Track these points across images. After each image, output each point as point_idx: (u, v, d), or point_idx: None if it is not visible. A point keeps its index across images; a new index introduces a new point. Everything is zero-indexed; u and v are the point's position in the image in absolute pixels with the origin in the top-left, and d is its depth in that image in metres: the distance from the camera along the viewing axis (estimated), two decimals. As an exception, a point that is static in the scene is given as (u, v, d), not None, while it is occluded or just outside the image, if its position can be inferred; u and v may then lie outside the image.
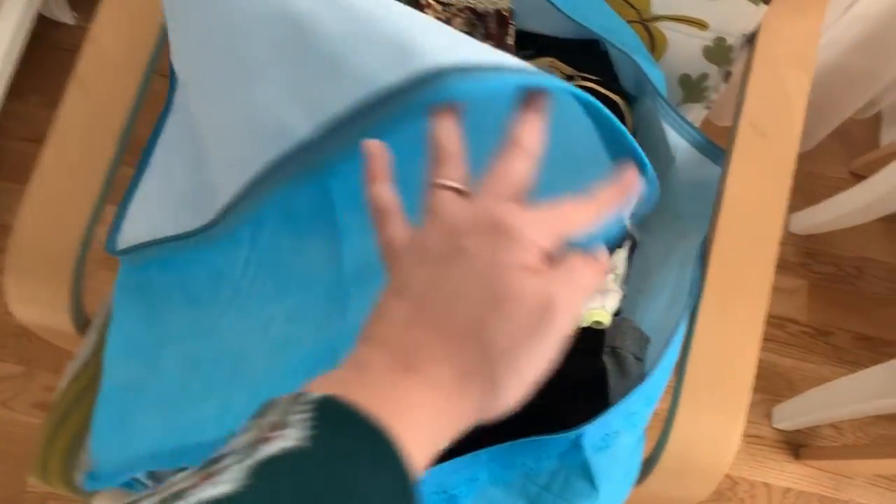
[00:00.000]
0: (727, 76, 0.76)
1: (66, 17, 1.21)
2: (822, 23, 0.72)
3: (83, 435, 0.66)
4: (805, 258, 1.21)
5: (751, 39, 0.73)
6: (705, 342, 0.65)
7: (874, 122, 1.28)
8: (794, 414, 1.06)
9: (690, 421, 0.63)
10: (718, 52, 0.73)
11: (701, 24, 0.72)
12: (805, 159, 1.26)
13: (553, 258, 0.33)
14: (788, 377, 1.13)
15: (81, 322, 0.69)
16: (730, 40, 0.73)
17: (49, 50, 1.16)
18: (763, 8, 0.70)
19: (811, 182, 1.23)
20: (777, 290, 1.15)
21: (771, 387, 1.13)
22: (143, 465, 0.61)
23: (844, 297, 1.19)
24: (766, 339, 1.14)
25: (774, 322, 1.17)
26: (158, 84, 0.68)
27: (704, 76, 0.75)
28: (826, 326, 1.17)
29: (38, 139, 0.65)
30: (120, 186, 0.66)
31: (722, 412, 0.64)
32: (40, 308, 0.68)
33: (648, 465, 0.64)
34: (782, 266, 1.20)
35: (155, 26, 0.68)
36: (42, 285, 0.66)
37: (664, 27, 0.73)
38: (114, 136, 0.67)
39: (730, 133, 0.72)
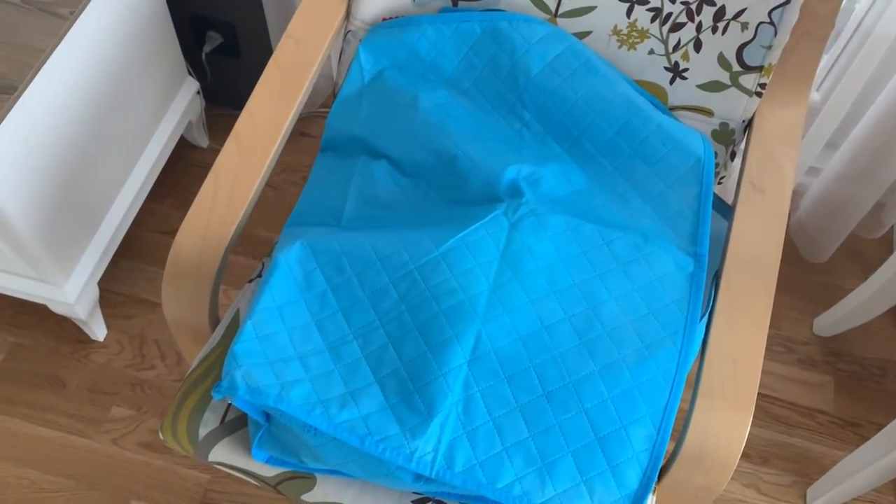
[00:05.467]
0: (733, 155, 0.95)
1: (203, 141, 1.49)
2: (804, 113, 0.92)
3: (206, 402, 0.81)
4: (830, 357, 1.32)
5: (749, 124, 0.92)
6: (717, 346, 0.79)
7: (887, 241, 1.44)
8: (827, 489, 1.13)
9: (707, 407, 0.76)
10: (724, 135, 0.93)
11: (708, 112, 0.93)
12: (822, 272, 1.41)
13: None
14: (820, 462, 1.21)
15: (214, 320, 0.87)
16: (731, 125, 0.93)
17: (184, 165, 1.42)
18: (756, 100, 0.91)
19: (829, 292, 1.37)
20: (805, 384, 1.28)
21: (804, 470, 1.20)
22: (277, 392, 0.70)
23: (870, 393, 1.28)
24: (797, 426, 1.24)
25: (804, 412, 1.26)
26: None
27: (714, 154, 0.95)
28: (854, 418, 1.26)
29: (170, 232, 0.84)
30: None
31: (733, 403, 0.76)
32: (185, 308, 0.86)
33: (672, 456, 0.76)
34: (809, 363, 1.31)
35: (291, 106, 0.92)
36: (188, 291, 0.85)
37: (679, 115, 0.94)
38: (257, 179, 0.88)
39: (735, 192, 0.89)
